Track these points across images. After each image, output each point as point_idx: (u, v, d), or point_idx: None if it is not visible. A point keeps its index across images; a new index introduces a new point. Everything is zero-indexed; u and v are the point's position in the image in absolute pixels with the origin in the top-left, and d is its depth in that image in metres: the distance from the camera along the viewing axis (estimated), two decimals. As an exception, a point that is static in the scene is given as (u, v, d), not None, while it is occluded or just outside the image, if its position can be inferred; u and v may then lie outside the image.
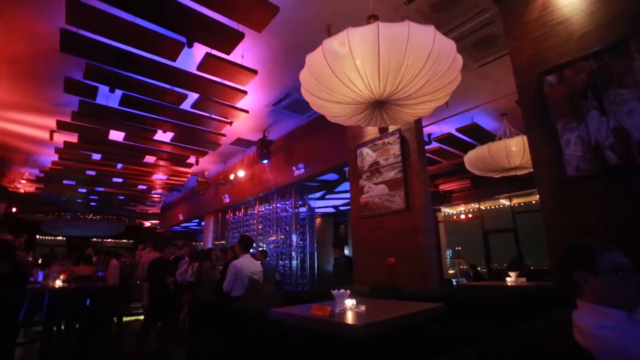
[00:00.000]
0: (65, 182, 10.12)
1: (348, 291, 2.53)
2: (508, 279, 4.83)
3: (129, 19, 3.42)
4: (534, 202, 8.58)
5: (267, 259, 7.32)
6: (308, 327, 2.32)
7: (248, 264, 4.01)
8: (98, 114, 5.47)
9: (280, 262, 7.81)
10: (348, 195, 8.30)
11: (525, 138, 4.27)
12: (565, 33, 2.65)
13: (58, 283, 5.32)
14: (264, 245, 8.36)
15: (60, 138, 6.75)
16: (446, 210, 10.61)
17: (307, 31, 3.97)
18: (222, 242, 10.27)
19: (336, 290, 2.50)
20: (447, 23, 3.82)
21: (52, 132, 6.52)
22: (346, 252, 8.11)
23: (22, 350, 4.96)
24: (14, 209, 13.26)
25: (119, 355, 4.68)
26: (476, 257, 9.96)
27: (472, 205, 9.89)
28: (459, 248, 11.99)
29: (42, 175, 9.57)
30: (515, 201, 9.05)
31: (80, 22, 3.37)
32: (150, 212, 16.37)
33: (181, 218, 13.58)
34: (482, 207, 9.75)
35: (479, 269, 9.07)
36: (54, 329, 5.39)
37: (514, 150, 4.69)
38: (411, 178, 4.12)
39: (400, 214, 4.11)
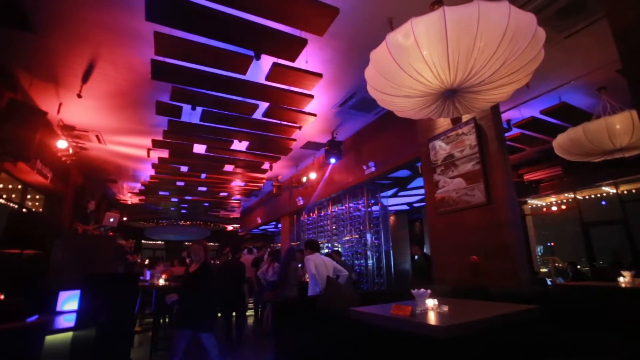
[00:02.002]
0: (160, 193, 11.52)
1: (429, 290, 2.44)
2: (621, 279, 4.16)
3: (203, 42, 3.76)
4: (649, 187, 7.29)
5: (342, 258, 7.41)
6: (387, 327, 2.30)
7: (316, 256, 4.67)
8: (183, 130, 6.13)
9: (356, 261, 7.82)
10: (422, 191, 8.02)
11: (633, 113, 3.65)
12: (684, -20, 2.20)
13: (161, 282, 6.06)
14: (339, 245, 8.46)
15: (155, 155, 7.71)
16: (534, 202, 9.57)
17: (369, 28, 3.93)
18: (297, 242, 10.67)
19: (416, 290, 2.43)
20: (523, -5, 3.46)
21: (148, 150, 7.47)
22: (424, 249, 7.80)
23: (138, 338, 5.78)
24: (124, 218, 15.48)
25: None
26: (574, 253, 8.78)
27: (566, 195, 8.76)
28: (552, 244, 10.70)
29: (143, 188, 11.03)
30: (624, 188, 7.77)
31: (166, 51, 3.81)
32: (231, 216, 17.77)
33: (259, 221, 14.42)
34: (579, 197, 8.58)
35: (578, 267, 7.97)
36: (160, 320, 6.16)
37: (619, 129, 4.02)
38: (491, 169, 3.81)
39: (481, 208, 3.83)
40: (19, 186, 6.96)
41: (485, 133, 3.92)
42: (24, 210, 7.19)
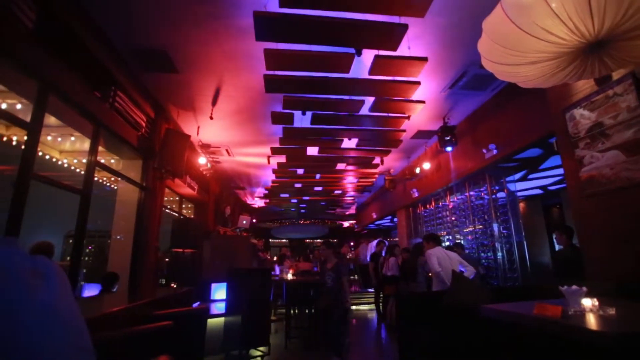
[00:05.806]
0: (281, 195, 12.65)
1: (584, 288, 2.04)
2: None
3: (306, 49, 3.96)
4: None
5: (466, 251, 6.84)
6: (529, 328, 2.01)
7: (439, 250, 4.55)
8: (297, 135, 6.60)
9: (482, 254, 7.11)
10: (559, 171, 6.80)
11: None
12: None
13: (289, 276, 6.65)
14: (461, 238, 7.85)
15: (274, 161, 8.51)
16: None
17: (476, -5, 3.52)
18: (414, 237, 10.31)
19: (567, 287, 2.06)
20: None
21: (268, 157, 8.29)
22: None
23: (274, 326, 6.47)
24: (254, 220, 17.58)
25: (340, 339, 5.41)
26: None
27: None
28: None
29: (266, 192, 12.31)
30: None
31: (275, 65, 4.16)
32: (347, 213, 18.34)
33: (374, 216, 14.46)
34: None
35: None
36: (291, 311, 6.77)
37: None
38: (665, 134, 2.97)
39: (653, 185, 3.01)
40: (177, 198, 8.59)
41: (652, 89, 3.07)
42: (182, 217, 8.84)
